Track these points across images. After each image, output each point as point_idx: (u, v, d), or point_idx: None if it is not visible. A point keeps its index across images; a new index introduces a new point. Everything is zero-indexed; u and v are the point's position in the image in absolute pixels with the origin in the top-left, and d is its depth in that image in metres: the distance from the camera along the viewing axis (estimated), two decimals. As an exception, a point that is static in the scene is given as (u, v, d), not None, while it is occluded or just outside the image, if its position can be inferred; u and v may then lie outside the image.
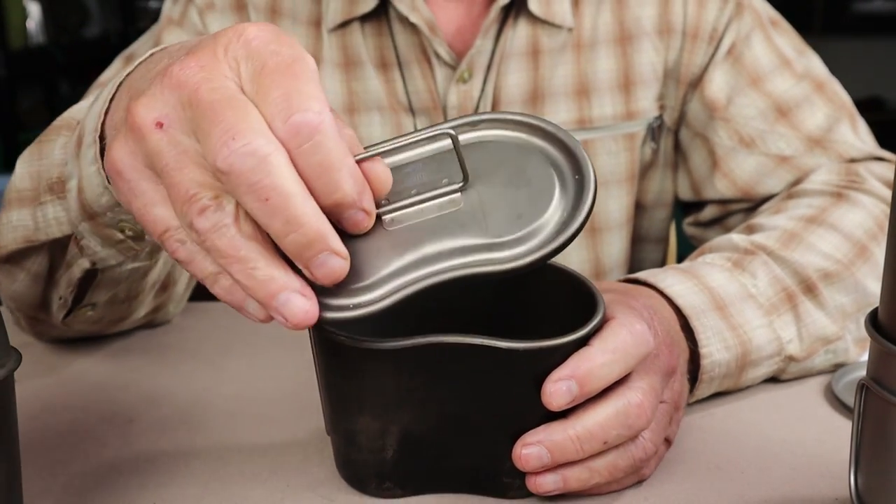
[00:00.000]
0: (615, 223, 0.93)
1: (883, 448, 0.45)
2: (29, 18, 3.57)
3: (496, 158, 0.48)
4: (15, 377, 0.46)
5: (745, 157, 0.88)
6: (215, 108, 0.41)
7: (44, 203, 0.64)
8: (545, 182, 0.47)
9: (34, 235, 0.65)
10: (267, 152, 0.40)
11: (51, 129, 0.66)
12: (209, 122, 0.41)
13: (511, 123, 0.49)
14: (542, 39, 0.88)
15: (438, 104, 0.88)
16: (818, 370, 0.70)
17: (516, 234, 0.46)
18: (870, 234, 0.75)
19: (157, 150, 0.43)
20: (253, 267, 0.42)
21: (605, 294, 0.56)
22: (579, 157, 0.48)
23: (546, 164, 0.48)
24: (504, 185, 0.47)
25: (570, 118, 0.90)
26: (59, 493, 0.56)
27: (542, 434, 0.51)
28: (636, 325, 0.52)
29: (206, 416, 0.66)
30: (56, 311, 0.71)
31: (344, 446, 0.54)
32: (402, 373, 0.50)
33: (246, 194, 0.41)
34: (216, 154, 0.40)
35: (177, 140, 0.43)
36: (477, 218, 0.47)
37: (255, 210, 0.41)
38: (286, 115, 0.41)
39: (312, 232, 0.42)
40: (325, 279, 0.43)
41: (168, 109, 0.43)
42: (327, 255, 0.42)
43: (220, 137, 0.40)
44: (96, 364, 0.76)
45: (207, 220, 0.42)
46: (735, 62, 0.89)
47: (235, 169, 0.40)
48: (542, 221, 0.47)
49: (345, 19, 0.87)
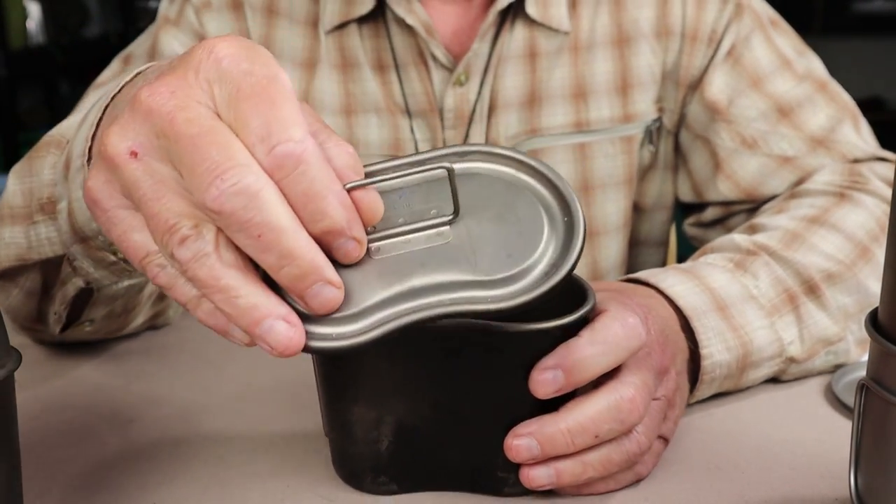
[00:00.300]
0: (613, 226, 0.93)
1: (883, 448, 0.45)
2: (29, 18, 3.57)
3: (486, 193, 0.48)
4: (15, 377, 0.46)
5: (748, 159, 0.87)
6: (196, 143, 0.40)
7: (36, 222, 0.64)
8: (534, 221, 0.47)
9: (27, 254, 0.65)
10: (256, 189, 0.40)
11: (40, 146, 0.66)
12: (192, 159, 0.40)
13: (502, 158, 0.49)
14: (539, 42, 0.88)
15: (435, 106, 0.88)
16: (819, 371, 0.70)
17: (506, 273, 0.46)
18: (872, 235, 0.75)
19: (133, 180, 0.42)
20: (235, 295, 0.42)
21: (601, 292, 0.56)
22: (569, 198, 0.48)
23: (536, 203, 0.48)
24: (493, 221, 0.47)
25: (568, 121, 0.90)
26: (59, 493, 0.56)
27: (533, 426, 0.51)
28: (629, 319, 0.52)
29: (206, 416, 0.66)
30: (52, 325, 0.71)
31: (340, 440, 0.54)
32: (394, 359, 0.50)
33: (238, 232, 0.41)
34: (204, 194, 0.40)
35: (152, 169, 0.42)
36: (466, 253, 0.46)
37: (248, 246, 0.41)
38: (268, 145, 0.40)
39: (306, 264, 0.42)
40: (319, 309, 0.43)
41: (141, 138, 0.42)
42: (321, 285, 0.43)
43: (207, 177, 0.40)
44: (96, 364, 0.76)
45: (188, 251, 0.41)
46: (735, 63, 0.89)
47: (226, 209, 0.40)
48: (532, 261, 0.46)
49: (342, 21, 0.87)
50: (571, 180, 0.91)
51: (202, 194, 0.40)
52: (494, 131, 0.89)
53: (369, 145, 0.89)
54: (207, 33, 0.89)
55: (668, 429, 0.58)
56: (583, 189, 0.91)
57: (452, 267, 0.46)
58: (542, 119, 0.89)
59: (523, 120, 0.89)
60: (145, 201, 0.42)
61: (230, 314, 0.42)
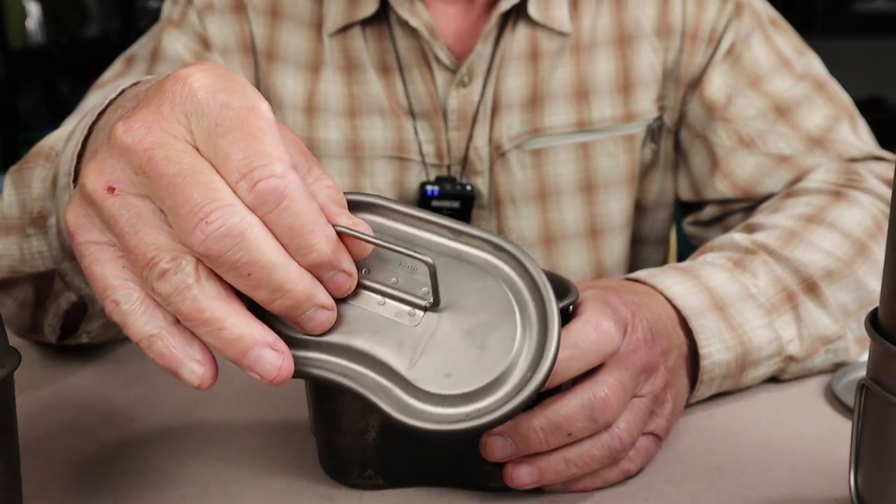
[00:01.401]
0: (616, 225, 0.93)
1: (883, 448, 0.45)
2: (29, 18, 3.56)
3: (475, 296, 0.45)
4: (15, 377, 0.46)
5: (746, 158, 0.88)
6: (177, 184, 0.40)
7: (29, 236, 0.64)
8: (501, 358, 0.44)
9: (19, 267, 0.65)
10: (242, 229, 0.40)
11: (30, 157, 0.66)
12: (174, 200, 0.40)
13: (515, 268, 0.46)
14: (541, 42, 0.88)
15: (439, 108, 0.88)
16: (818, 370, 0.70)
17: (431, 389, 0.44)
18: (869, 233, 0.75)
19: (110, 214, 0.42)
20: (220, 327, 0.41)
21: (590, 289, 0.57)
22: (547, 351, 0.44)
23: (513, 336, 0.44)
24: (465, 334, 0.45)
25: (570, 120, 0.90)
26: (59, 493, 0.56)
27: (507, 425, 0.51)
28: (602, 323, 0.53)
29: (206, 416, 0.66)
30: (48, 336, 0.71)
31: (327, 433, 0.54)
32: None
33: (227, 272, 0.41)
34: (190, 238, 0.40)
35: (130, 203, 0.42)
36: (416, 347, 0.44)
37: (238, 284, 0.41)
38: (250, 182, 0.40)
39: (300, 295, 0.42)
40: (315, 331, 0.44)
41: (118, 173, 0.42)
42: (315, 311, 0.43)
43: (191, 220, 0.40)
44: (96, 364, 0.76)
45: (168, 284, 0.41)
46: (734, 62, 0.89)
47: (213, 252, 0.40)
48: (462, 394, 0.43)
49: (345, 23, 0.87)
50: (574, 180, 0.91)
51: (188, 237, 0.40)
52: (497, 132, 0.89)
53: (374, 147, 0.89)
54: (210, 35, 0.89)
55: (658, 425, 0.58)
56: (586, 188, 0.92)
57: (396, 352, 0.45)
58: (544, 119, 0.89)
59: (526, 120, 0.89)
60: (123, 235, 0.42)
61: (216, 346, 0.42)
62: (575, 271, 0.93)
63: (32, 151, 0.66)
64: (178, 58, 0.88)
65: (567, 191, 0.91)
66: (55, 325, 0.69)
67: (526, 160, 0.90)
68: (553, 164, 0.90)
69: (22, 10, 3.50)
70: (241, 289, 0.41)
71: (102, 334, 0.73)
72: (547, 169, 0.91)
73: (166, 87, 0.42)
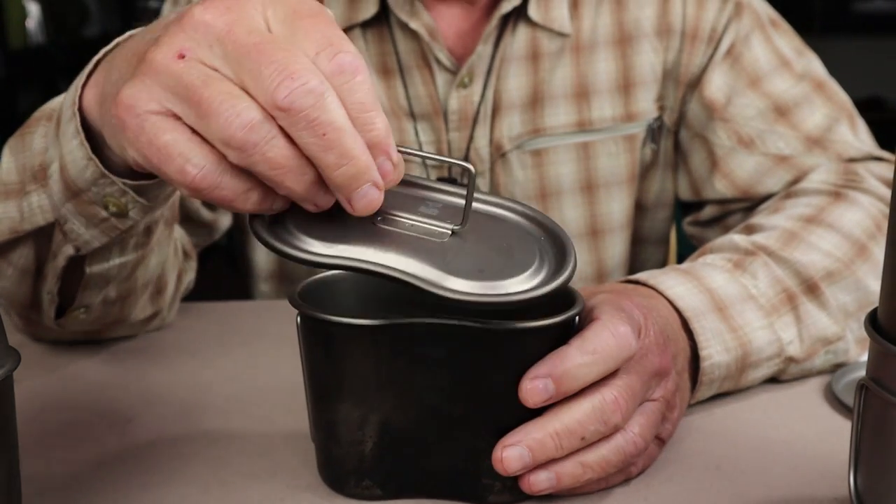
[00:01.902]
0: (617, 225, 0.93)
1: (883, 448, 0.45)
2: (29, 18, 3.57)
3: (499, 232, 0.51)
4: (14, 377, 0.46)
5: (745, 158, 0.88)
6: (261, 49, 0.43)
7: (28, 193, 0.64)
8: (525, 262, 0.49)
9: (19, 226, 0.65)
10: (322, 91, 0.43)
11: (31, 121, 0.67)
12: (257, 63, 0.43)
13: (527, 217, 0.52)
14: (541, 43, 0.88)
15: (439, 109, 0.88)
16: (818, 370, 0.70)
17: (468, 279, 0.48)
18: (868, 234, 0.75)
19: (179, 74, 0.44)
20: (303, 173, 0.44)
21: (599, 294, 0.56)
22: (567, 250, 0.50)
23: (535, 250, 0.50)
24: (491, 248, 0.50)
25: (570, 120, 0.90)
26: (59, 493, 0.56)
27: (520, 434, 0.51)
28: (619, 328, 0.52)
29: (206, 416, 0.66)
30: (47, 308, 0.71)
31: (325, 441, 0.54)
32: (380, 354, 0.50)
33: (304, 129, 0.43)
34: (274, 93, 0.42)
35: (199, 67, 0.44)
36: (448, 252, 0.49)
37: (311, 144, 0.43)
38: (331, 53, 0.44)
39: (362, 164, 0.44)
40: (363, 210, 0.46)
41: (191, 44, 0.44)
42: (370, 186, 0.45)
43: (276, 77, 0.42)
44: (95, 364, 0.76)
45: (256, 134, 0.43)
46: (734, 63, 0.89)
47: (296, 106, 0.42)
48: (500, 282, 0.48)
49: (346, 26, 0.87)
50: (575, 180, 0.91)
51: (271, 93, 0.42)
52: (498, 132, 0.89)
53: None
54: None
55: (665, 430, 0.58)
56: (586, 188, 0.92)
57: (430, 257, 0.48)
58: (544, 119, 0.89)
59: (526, 120, 0.89)
60: (195, 88, 0.43)
61: (296, 191, 0.45)
62: (577, 271, 0.93)
63: (34, 116, 0.67)
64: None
65: (567, 191, 0.91)
66: (53, 291, 0.69)
67: (526, 160, 0.90)
68: (553, 165, 0.90)
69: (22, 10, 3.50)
70: (312, 149, 0.44)
71: (101, 315, 0.73)
72: (547, 169, 0.91)
73: None
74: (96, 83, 0.55)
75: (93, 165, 0.56)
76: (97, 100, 0.55)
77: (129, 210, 0.59)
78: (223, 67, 0.44)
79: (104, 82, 0.54)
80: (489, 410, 0.52)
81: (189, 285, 0.87)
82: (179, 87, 0.44)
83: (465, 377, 0.51)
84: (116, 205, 0.59)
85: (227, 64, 0.44)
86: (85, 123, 0.56)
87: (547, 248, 0.51)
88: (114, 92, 0.48)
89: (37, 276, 0.69)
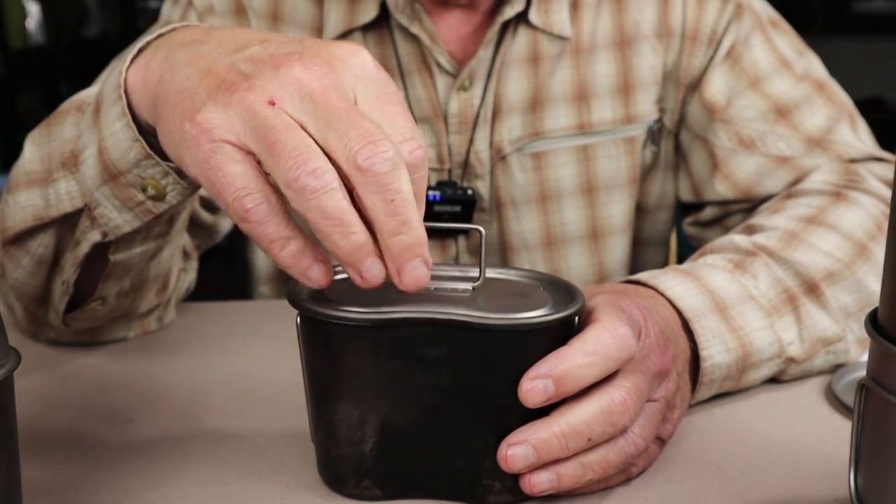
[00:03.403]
0: (617, 227, 0.93)
1: (883, 448, 0.45)
2: (29, 18, 3.56)
3: (509, 286, 0.56)
4: (14, 377, 0.46)
5: (745, 159, 0.88)
6: (351, 116, 0.46)
7: (56, 180, 0.64)
8: (543, 303, 0.53)
9: (45, 213, 0.66)
10: (398, 163, 0.46)
11: (59, 112, 0.67)
12: (346, 125, 0.46)
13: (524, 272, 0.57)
14: (541, 46, 0.88)
15: (439, 112, 0.88)
16: (818, 371, 0.70)
17: (490, 313, 0.51)
18: (869, 234, 0.75)
19: (265, 117, 0.46)
20: (352, 231, 0.46)
21: (599, 295, 0.56)
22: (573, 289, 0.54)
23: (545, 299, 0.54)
24: (507, 293, 0.54)
25: (570, 123, 0.90)
26: (59, 493, 0.56)
27: (526, 433, 0.51)
28: (619, 329, 0.52)
29: (206, 416, 0.66)
30: (57, 303, 0.71)
31: (324, 441, 0.54)
32: (380, 353, 0.51)
33: (375, 192, 0.45)
34: (357, 153, 0.45)
35: (285, 117, 0.47)
36: (477, 303, 0.52)
37: (378, 206, 0.46)
38: (413, 146, 0.48)
39: (418, 236, 0.47)
40: (411, 283, 0.47)
41: (283, 94, 0.47)
42: (420, 262, 0.47)
43: (361, 140, 0.45)
44: (96, 364, 0.76)
45: (318, 181, 0.45)
46: (734, 64, 0.89)
47: (374, 169, 0.45)
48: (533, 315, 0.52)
49: (346, 29, 0.87)
50: (575, 182, 0.91)
51: (354, 153, 0.45)
52: (498, 135, 0.89)
53: None
54: None
55: (666, 431, 0.58)
56: (587, 191, 0.92)
57: (462, 306, 0.52)
58: (545, 122, 0.89)
59: (526, 123, 0.89)
60: (275, 131, 0.46)
61: (342, 247, 0.46)
62: (577, 274, 0.93)
63: (61, 108, 0.67)
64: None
65: (568, 193, 0.91)
66: (70, 282, 0.68)
67: (527, 163, 0.90)
68: (554, 167, 0.90)
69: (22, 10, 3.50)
70: (377, 211, 0.46)
71: (113, 308, 0.73)
72: (548, 172, 0.91)
73: (335, 52, 0.49)
74: (140, 67, 0.56)
75: (138, 146, 0.56)
76: (141, 84, 0.55)
77: (167, 193, 0.59)
78: (308, 123, 0.47)
79: (150, 67, 0.55)
80: (489, 410, 0.52)
81: (190, 286, 0.87)
82: (261, 129, 0.46)
83: (465, 377, 0.51)
84: (155, 187, 0.58)
85: (314, 121, 0.46)
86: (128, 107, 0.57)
87: (552, 290, 0.55)
88: (175, 93, 0.50)
89: (52, 268, 0.69)
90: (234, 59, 0.50)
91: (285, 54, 0.49)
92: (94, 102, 0.60)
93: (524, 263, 0.92)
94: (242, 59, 0.50)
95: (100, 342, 0.79)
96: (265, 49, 0.50)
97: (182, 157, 0.50)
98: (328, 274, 0.48)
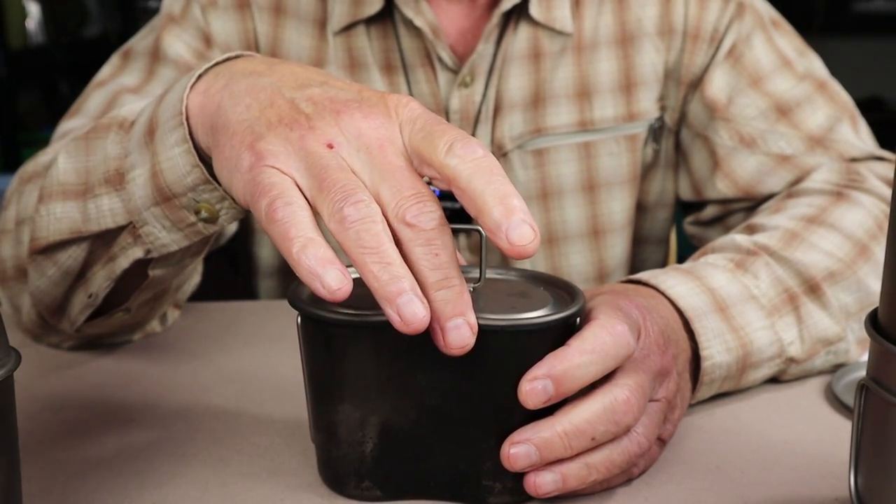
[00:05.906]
0: (618, 225, 0.93)
1: (883, 448, 0.45)
2: (29, 18, 3.56)
3: (509, 286, 0.56)
4: (14, 377, 0.46)
5: (746, 157, 0.88)
6: (405, 175, 0.48)
7: (98, 195, 0.63)
8: (543, 303, 0.53)
9: (83, 226, 0.65)
10: (443, 223, 0.47)
11: (99, 127, 0.66)
12: (400, 182, 0.48)
13: (523, 273, 0.58)
14: (542, 42, 0.88)
15: (441, 108, 0.88)
16: (819, 371, 0.70)
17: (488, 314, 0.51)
18: (870, 234, 0.75)
19: (320, 156, 0.48)
20: (389, 262, 0.46)
21: (598, 295, 0.56)
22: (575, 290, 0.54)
23: (546, 299, 0.54)
24: (508, 294, 0.55)
25: (572, 120, 0.90)
26: (59, 493, 0.56)
27: (529, 432, 0.51)
28: (617, 327, 0.52)
29: (206, 416, 0.66)
30: (77, 314, 0.70)
31: (325, 442, 0.54)
32: (381, 354, 0.51)
33: (421, 246, 0.47)
34: (407, 209, 0.47)
35: (340, 160, 0.48)
36: (478, 303, 0.51)
37: (423, 259, 0.47)
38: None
39: (461, 294, 0.47)
40: (454, 345, 0.47)
41: (341, 140, 0.49)
42: (464, 322, 0.47)
43: (412, 199, 0.47)
44: (95, 364, 0.76)
45: (358, 212, 0.46)
46: (736, 63, 0.89)
47: (421, 224, 0.47)
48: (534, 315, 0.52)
49: (350, 22, 0.87)
50: (576, 179, 0.91)
51: (404, 208, 0.47)
52: (499, 132, 0.89)
53: None
54: (213, 32, 0.89)
55: (666, 431, 0.58)
56: (588, 188, 0.92)
57: None
58: (546, 119, 0.89)
59: (528, 120, 0.89)
60: (327, 170, 0.48)
61: (378, 277, 0.46)
62: (577, 271, 0.93)
63: (101, 123, 0.66)
64: (180, 59, 0.88)
65: (569, 191, 0.91)
66: (99, 294, 0.68)
67: (528, 160, 0.90)
68: (555, 164, 0.90)
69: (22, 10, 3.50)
70: (421, 264, 0.47)
71: (134, 315, 0.73)
72: (549, 169, 0.91)
73: (390, 103, 0.51)
74: (200, 93, 0.56)
75: (197, 171, 0.56)
76: (199, 109, 0.55)
77: (220, 215, 0.58)
78: (362, 172, 0.48)
79: (209, 94, 0.55)
80: (490, 411, 0.51)
81: (194, 288, 0.86)
82: (315, 167, 0.48)
83: (465, 378, 0.51)
84: (209, 210, 0.58)
85: (369, 171, 0.48)
86: None
87: (552, 290, 0.55)
88: (236, 122, 0.51)
89: (76, 280, 0.69)
90: (294, 97, 0.51)
91: (345, 100, 0.50)
92: (147, 124, 0.59)
93: (524, 261, 0.92)
94: (303, 98, 0.51)
95: (102, 344, 0.79)
96: (325, 92, 0.51)
97: (233, 182, 0.51)
98: (347, 284, 0.46)
